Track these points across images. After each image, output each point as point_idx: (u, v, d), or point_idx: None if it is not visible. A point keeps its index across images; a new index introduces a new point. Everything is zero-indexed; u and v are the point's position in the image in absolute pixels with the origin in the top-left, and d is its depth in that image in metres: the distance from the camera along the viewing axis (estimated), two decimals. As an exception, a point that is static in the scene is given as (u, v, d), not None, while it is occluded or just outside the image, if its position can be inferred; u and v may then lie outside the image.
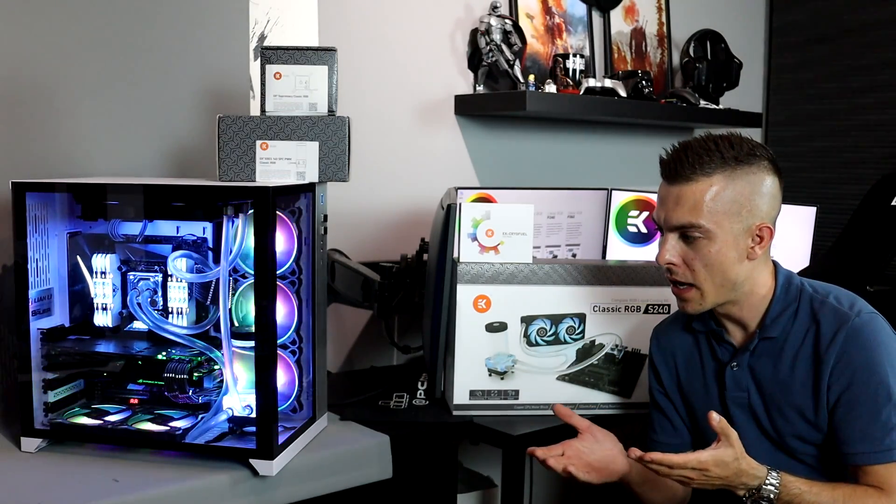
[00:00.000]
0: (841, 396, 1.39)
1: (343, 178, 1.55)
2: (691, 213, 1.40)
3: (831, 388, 1.39)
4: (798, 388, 1.43)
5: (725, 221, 1.40)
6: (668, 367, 1.61)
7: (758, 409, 1.48)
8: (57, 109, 1.75)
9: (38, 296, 1.49)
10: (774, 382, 1.46)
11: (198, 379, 1.52)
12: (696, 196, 1.39)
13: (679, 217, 1.41)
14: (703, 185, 1.39)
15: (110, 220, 1.55)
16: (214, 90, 1.93)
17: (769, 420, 1.47)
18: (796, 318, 1.45)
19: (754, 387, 1.48)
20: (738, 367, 1.49)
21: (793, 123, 3.39)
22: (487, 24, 2.40)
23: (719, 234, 1.40)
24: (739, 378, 1.49)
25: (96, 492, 1.32)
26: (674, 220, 1.42)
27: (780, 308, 1.45)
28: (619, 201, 2.52)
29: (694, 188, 1.40)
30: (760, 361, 1.47)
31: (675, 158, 1.42)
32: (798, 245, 2.29)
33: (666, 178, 1.44)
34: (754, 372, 1.48)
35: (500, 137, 2.60)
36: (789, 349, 1.44)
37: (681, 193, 1.41)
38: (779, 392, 1.45)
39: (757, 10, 3.44)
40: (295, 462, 1.49)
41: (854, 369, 1.37)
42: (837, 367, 1.38)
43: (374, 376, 2.08)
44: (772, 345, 1.46)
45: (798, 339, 1.44)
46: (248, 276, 1.51)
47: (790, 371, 1.44)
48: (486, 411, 1.77)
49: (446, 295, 1.73)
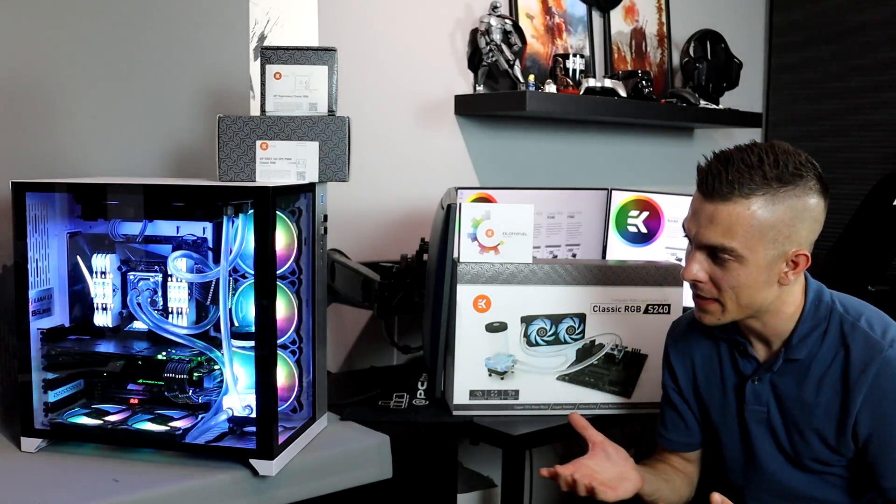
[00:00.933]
0: (875, 430, 1.34)
1: (343, 178, 1.55)
2: (724, 235, 1.32)
3: (860, 421, 1.35)
4: (821, 412, 1.39)
5: (760, 247, 1.31)
6: (685, 367, 1.57)
7: (777, 427, 1.44)
8: (57, 109, 1.75)
9: (38, 296, 1.49)
10: (797, 402, 1.41)
11: (198, 379, 1.52)
12: (731, 218, 1.31)
13: (711, 237, 1.33)
14: (741, 208, 1.30)
15: (110, 220, 1.55)
16: (214, 90, 1.93)
17: (788, 440, 1.44)
18: (824, 340, 1.38)
19: (775, 403, 1.44)
20: (759, 381, 1.45)
21: (793, 123, 3.39)
22: (487, 24, 2.40)
23: (751, 259, 1.32)
24: (760, 392, 1.45)
25: (96, 492, 1.32)
26: (704, 239, 1.34)
27: (809, 328, 1.39)
28: (619, 201, 2.52)
29: (731, 209, 1.31)
30: (784, 379, 1.43)
31: (714, 173, 1.32)
32: (798, 245, 2.29)
33: (702, 192, 1.35)
34: (776, 389, 1.43)
35: (500, 137, 2.60)
36: (816, 371, 1.39)
37: (716, 212, 1.32)
38: (800, 412, 1.41)
39: (757, 10, 3.44)
40: (295, 462, 1.48)
41: (889, 403, 1.33)
42: (870, 400, 1.33)
43: (374, 376, 2.08)
44: (797, 365, 1.41)
45: (826, 361, 1.38)
46: (248, 276, 1.51)
47: (815, 394, 1.39)
48: (486, 411, 1.77)
49: (446, 295, 1.73)
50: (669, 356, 1.60)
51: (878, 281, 2.12)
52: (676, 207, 2.38)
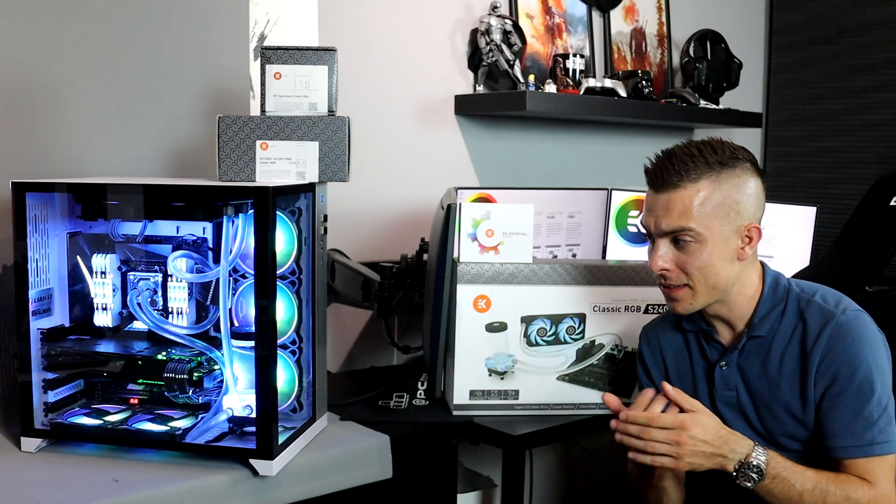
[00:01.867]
0: (826, 391, 1.41)
1: (343, 178, 1.55)
2: (681, 217, 1.42)
3: (817, 384, 1.42)
4: (786, 385, 1.45)
5: (715, 224, 1.42)
6: (657, 361, 1.63)
7: (747, 407, 1.50)
8: (57, 109, 1.75)
9: (38, 296, 1.49)
10: (763, 380, 1.48)
11: (198, 379, 1.52)
12: (684, 202, 1.42)
13: (670, 223, 1.43)
14: (691, 191, 1.42)
15: (110, 220, 1.55)
16: (214, 90, 1.93)
17: (758, 419, 1.49)
18: (783, 318, 1.47)
19: (743, 386, 1.50)
20: (727, 366, 1.51)
21: (793, 123, 3.39)
22: (487, 24, 2.40)
23: (710, 238, 1.42)
24: (728, 377, 1.51)
25: (96, 492, 1.31)
26: (664, 226, 1.44)
27: (768, 308, 1.48)
28: (619, 201, 2.52)
29: (682, 194, 1.42)
30: (749, 360, 1.49)
31: (661, 167, 1.44)
32: (798, 245, 2.30)
33: (653, 186, 1.46)
34: (743, 371, 1.50)
35: (500, 137, 2.60)
36: (777, 347, 1.46)
37: (669, 200, 1.43)
38: (767, 390, 1.47)
39: (757, 10, 3.45)
40: (295, 462, 1.49)
41: (839, 365, 1.40)
42: (823, 363, 1.41)
43: (374, 376, 2.08)
44: (760, 343, 1.48)
45: (785, 337, 1.46)
46: (248, 276, 1.51)
47: (778, 369, 1.46)
48: (486, 411, 1.77)
49: (446, 295, 1.73)
50: (643, 353, 1.66)
51: (876, 281, 2.12)
52: (676, 207, 2.37)
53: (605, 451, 2.68)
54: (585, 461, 2.72)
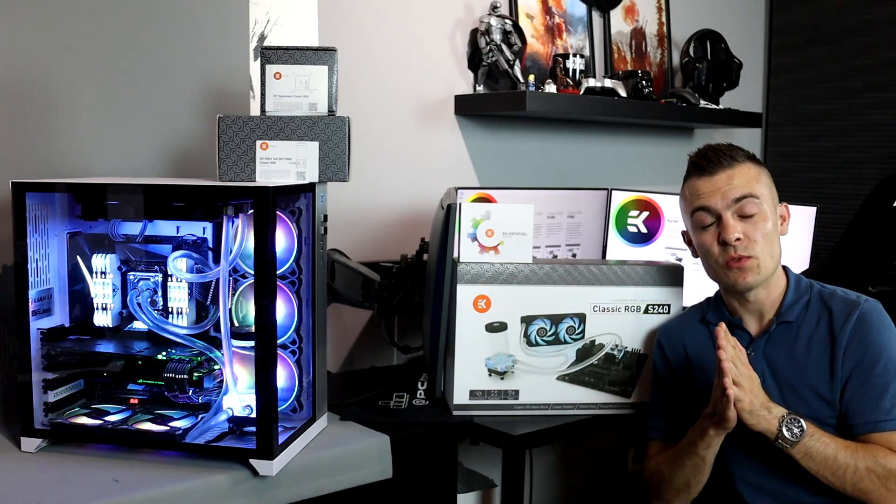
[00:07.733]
0: (853, 371, 1.50)
1: (343, 178, 1.55)
2: (747, 185, 1.55)
3: (845, 364, 1.51)
4: (814, 367, 1.53)
5: (768, 194, 1.58)
6: (677, 351, 1.68)
7: (772, 392, 1.53)
8: (57, 109, 1.75)
9: (38, 296, 1.49)
10: (789, 365, 1.55)
11: (198, 379, 1.52)
12: (746, 173, 1.56)
13: (738, 190, 1.54)
14: (745, 167, 1.57)
15: (110, 220, 1.55)
16: (214, 90, 1.93)
17: (783, 403, 1.51)
18: (808, 307, 1.58)
19: (769, 371, 1.56)
20: (752, 353, 1.57)
21: (793, 123, 3.39)
22: (487, 24, 2.40)
23: (767, 207, 1.56)
24: (754, 363, 1.54)
25: (96, 492, 1.31)
26: (733, 195, 1.54)
27: (795, 297, 1.59)
28: (619, 201, 2.52)
29: (741, 169, 1.57)
30: (775, 348, 1.57)
31: (713, 151, 1.58)
32: (798, 245, 2.29)
33: (708, 171, 1.57)
34: (768, 357, 1.57)
35: (500, 137, 2.60)
36: (804, 333, 1.56)
37: (731, 174, 1.56)
38: (794, 373, 1.54)
39: (757, 10, 3.45)
40: (295, 462, 1.49)
41: (865, 346, 1.50)
42: (851, 345, 1.51)
43: (374, 376, 2.08)
44: (788, 330, 1.57)
45: (812, 324, 1.56)
46: (248, 276, 1.51)
47: (806, 353, 1.54)
48: (486, 411, 1.77)
49: (446, 295, 1.73)
50: (661, 344, 1.72)
51: (879, 281, 2.12)
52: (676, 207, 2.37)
53: (605, 451, 2.68)
54: (585, 461, 2.73)
